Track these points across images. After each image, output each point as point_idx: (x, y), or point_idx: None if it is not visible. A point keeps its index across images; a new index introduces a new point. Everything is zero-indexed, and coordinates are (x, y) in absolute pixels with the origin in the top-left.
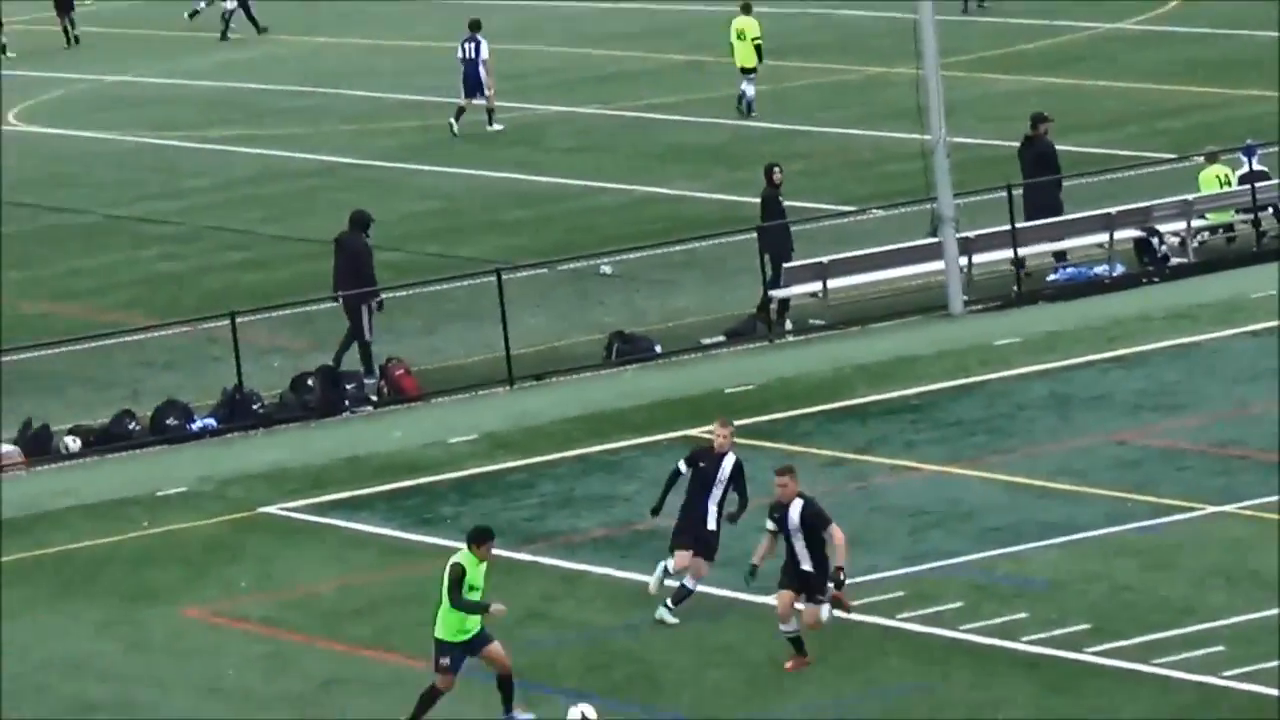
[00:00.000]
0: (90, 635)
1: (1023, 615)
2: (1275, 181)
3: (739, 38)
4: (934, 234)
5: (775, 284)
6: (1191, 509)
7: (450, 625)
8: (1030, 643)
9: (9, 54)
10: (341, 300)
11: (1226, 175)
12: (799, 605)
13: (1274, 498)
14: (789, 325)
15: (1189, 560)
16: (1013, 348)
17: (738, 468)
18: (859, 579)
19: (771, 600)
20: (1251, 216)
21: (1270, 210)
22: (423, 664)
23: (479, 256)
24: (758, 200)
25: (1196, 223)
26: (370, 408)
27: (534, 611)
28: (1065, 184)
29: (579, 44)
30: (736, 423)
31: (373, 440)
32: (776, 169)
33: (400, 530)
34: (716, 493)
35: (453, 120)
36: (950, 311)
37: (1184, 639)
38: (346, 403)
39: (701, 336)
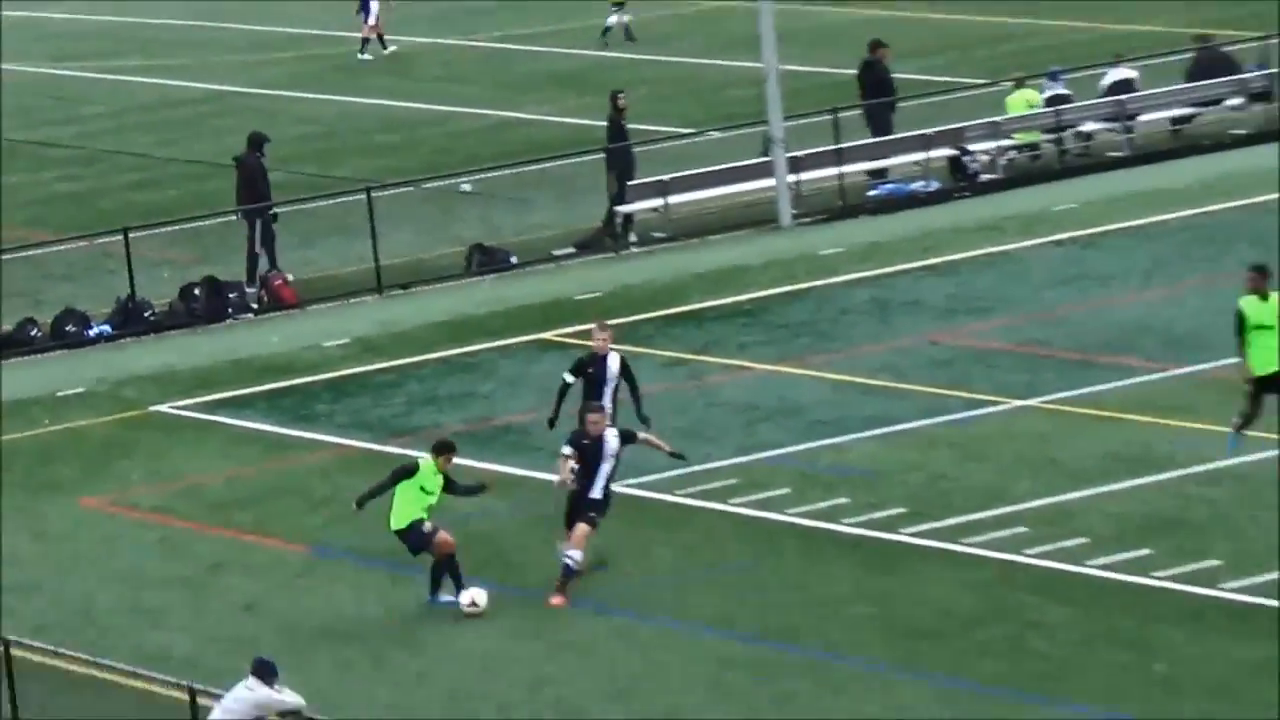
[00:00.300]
0: (3, 522)
1: (845, 500)
2: (1077, 104)
3: None
4: (765, 154)
5: (620, 200)
6: (999, 403)
7: (402, 515)
8: (851, 525)
9: None
10: (240, 215)
11: (1033, 99)
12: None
13: (1074, 392)
14: (633, 238)
15: (996, 450)
16: (837, 257)
17: (623, 364)
18: (697, 467)
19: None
20: (1055, 136)
21: (1071, 130)
22: (299, 548)
23: (351, 176)
24: (605, 124)
25: (1004, 143)
26: (252, 315)
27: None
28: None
29: None
30: (590, 325)
31: (254, 344)
32: (620, 95)
33: (280, 426)
34: (608, 390)
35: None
36: (780, 224)
37: (991, 520)
38: (230, 310)
39: (553, 249)
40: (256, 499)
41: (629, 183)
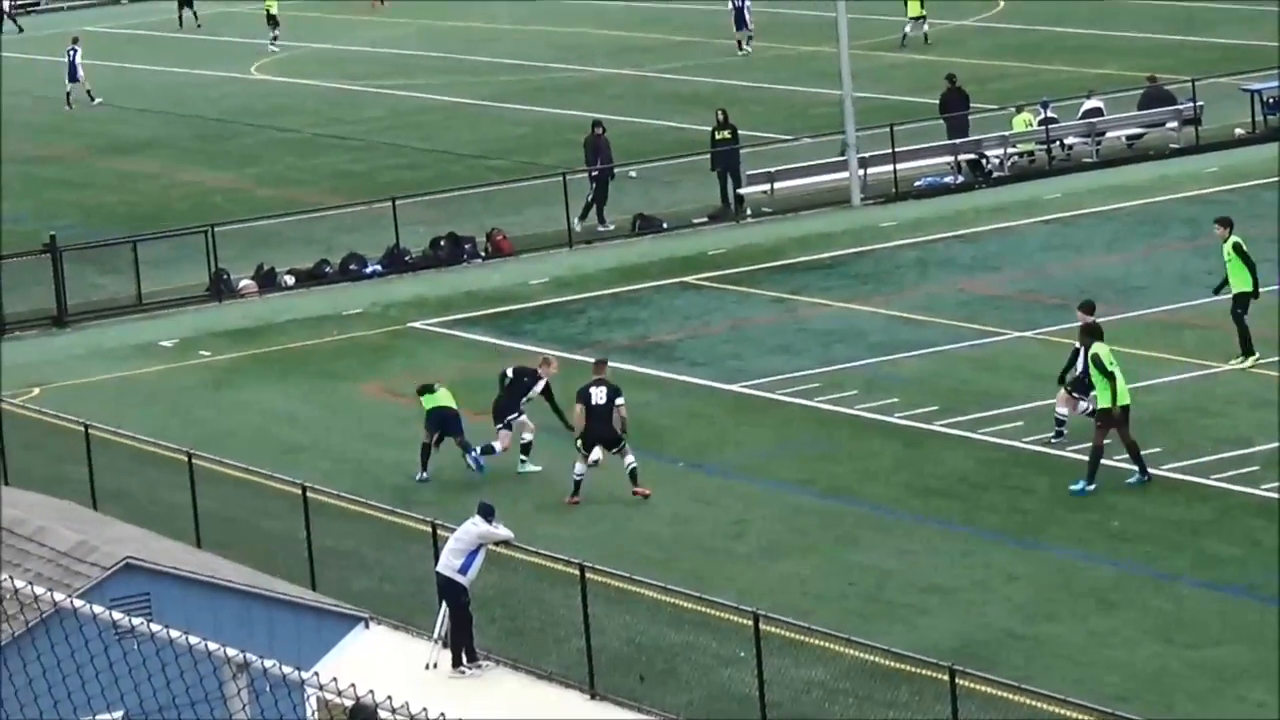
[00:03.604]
0: (299, 400)
1: (895, 400)
2: (1061, 124)
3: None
4: (842, 154)
5: (739, 185)
6: (1005, 334)
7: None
8: (899, 417)
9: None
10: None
11: (1030, 119)
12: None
13: (1057, 327)
14: (748, 212)
15: (1003, 365)
16: (891, 228)
17: (547, 387)
18: (790, 374)
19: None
20: (1046, 146)
21: (1058, 142)
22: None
23: (553, 164)
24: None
25: (1010, 150)
26: (481, 259)
27: None
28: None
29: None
30: (717, 272)
31: (482, 280)
32: (720, 112)
33: (498, 339)
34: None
35: None
36: (852, 204)
37: (997, 416)
38: (465, 256)
39: (692, 218)
40: (480, 389)
41: (747, 172)
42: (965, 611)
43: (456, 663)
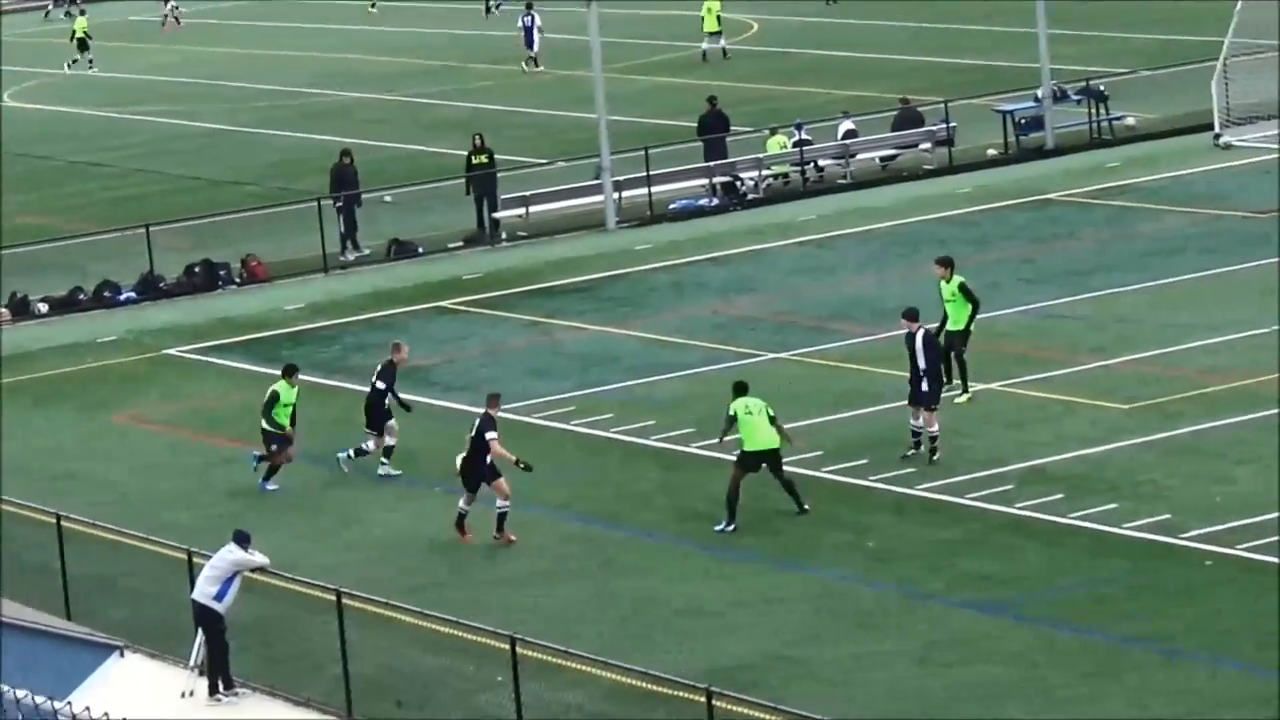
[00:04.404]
0: (58, 429)
1: (652, 422)
2: (815, 146)
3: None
4: (597, 178)
5: (494, 209)
6: (760, 355)
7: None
8: (657, 440)
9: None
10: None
11: (784, 142)
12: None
13: (812, 348)
14: (503, 236)
15: (759, 386)
16: (647, 251)
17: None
18: (546, 398)
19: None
20: (800, 168)
21: (812, 164)
22: (257, 447)
23: (313, 191)
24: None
25: (765, 173)
26: (236, 285)
27: (341, 418)
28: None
29: None
30: (473, 296)
31: (237, 307)
32: (476, 137)
33: (254, 365)
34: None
35: None
36: (607, 228)
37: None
38: (219, 282)
39: (447, 243)
40: (237, 416)
41: (501, 196)
42: (725, 634)
43: (213, 690)
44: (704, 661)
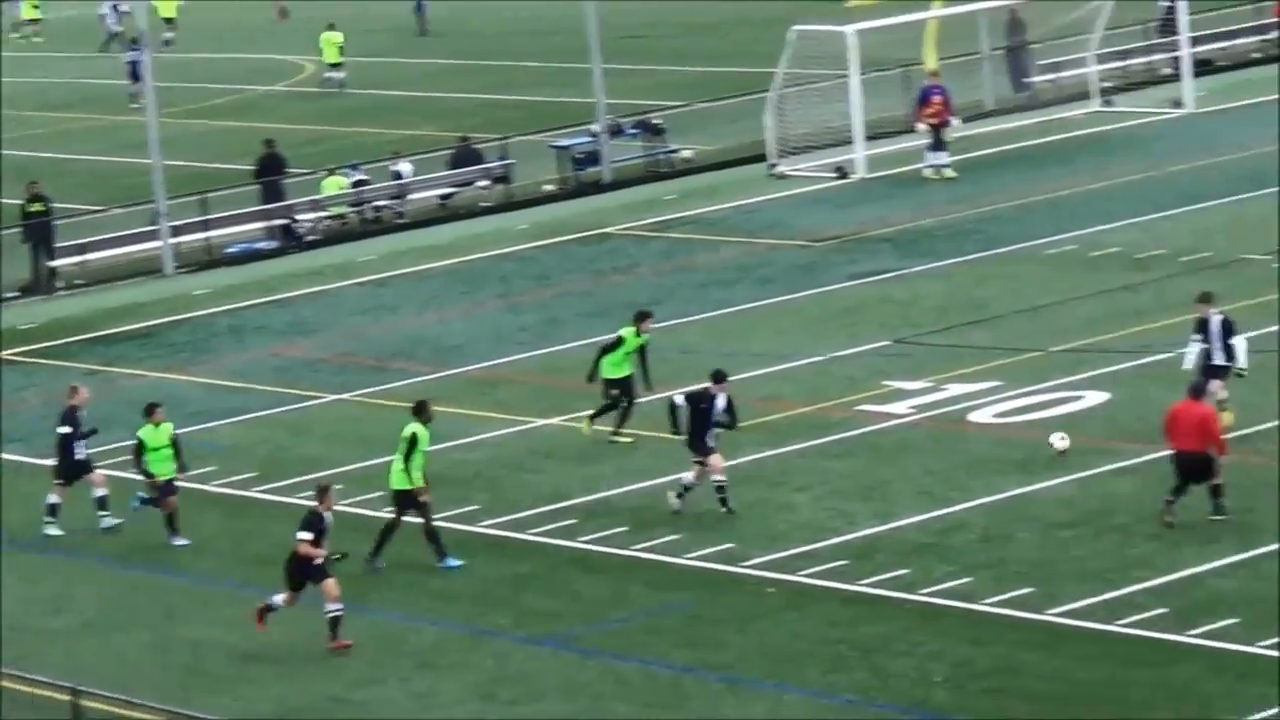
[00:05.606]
0: None
1: (213, 468)
2: (372, 186)
3: None
4: (154, 223)
5: (50, 257)
6: (321, 397)
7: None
8: (219, 486)
9: None
10: None
11: (342, 183)
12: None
13: (374, 389)
14: (60, 284)
15: (319, 429)
16: (205, 296)
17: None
18: (107, 445)
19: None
20: (357, 209)
21: (369, 205)
22: None
23: None
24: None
25: (322, 214)
26: None
27: None
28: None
29: None
30: (30, 346)
31: None
32: (31, 185)
33: None
34: None
35: None
36: (165, 273)
37: (314, 481)
38: None
39: (3, 293)
40: None
41: (55, 245)
42: (289, 679)
43: None
44: (268, 706)
